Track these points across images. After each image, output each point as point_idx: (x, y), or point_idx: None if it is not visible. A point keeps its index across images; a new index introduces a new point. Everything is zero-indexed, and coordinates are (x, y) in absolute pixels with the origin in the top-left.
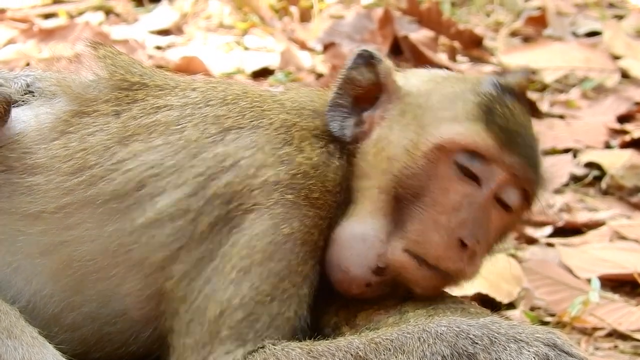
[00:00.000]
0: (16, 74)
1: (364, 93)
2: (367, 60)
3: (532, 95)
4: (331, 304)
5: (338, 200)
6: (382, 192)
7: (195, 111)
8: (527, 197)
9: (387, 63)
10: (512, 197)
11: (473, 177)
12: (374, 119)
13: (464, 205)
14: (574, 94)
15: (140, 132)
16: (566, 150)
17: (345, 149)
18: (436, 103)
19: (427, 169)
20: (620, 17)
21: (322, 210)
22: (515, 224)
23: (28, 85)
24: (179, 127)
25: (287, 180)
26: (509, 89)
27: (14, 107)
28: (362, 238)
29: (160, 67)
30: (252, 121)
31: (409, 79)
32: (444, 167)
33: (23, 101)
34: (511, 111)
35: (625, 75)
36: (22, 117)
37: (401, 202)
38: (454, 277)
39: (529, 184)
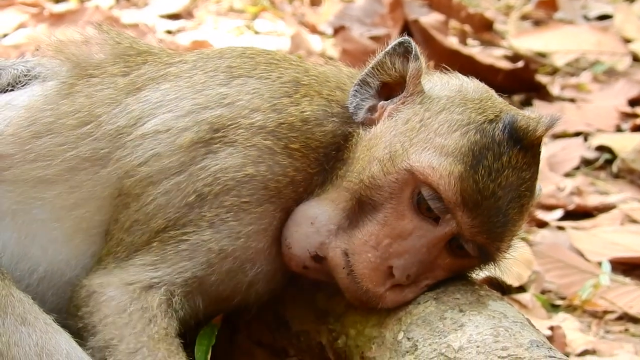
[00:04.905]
0: (14, 61)
1: (392, 82)
2: (404, 51)
3: (543, 78)
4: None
5: (320, 160)
6: (348, 191)
7: (208, 62)
8: (484, 249)
9: (421, 63)
10: (468, 246)
11: (431, 215)
12: (384, 112)
13: (411, 237)
14: (585, 77)
15: (150, 84)
16: (577, 134)
17: (350, 125)
18: (437, 124)
19: (392, 187)
20: (631, 0)
21: (299, 162)
22: (476, 267)
23: (28, 71)
24: (189, 74)
25: (271, 127)
26: (520, 137)
27: (17, 88)
28: (312, 221)
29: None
30: (262, 73)
31: (434, 87)
32: (407, 192)
33: (26, 84)
34: (502, 165)
35: (636, 58)
36: (28, 93)
37: (362, 207)
38: (374, 299)
39: (482, 242)
